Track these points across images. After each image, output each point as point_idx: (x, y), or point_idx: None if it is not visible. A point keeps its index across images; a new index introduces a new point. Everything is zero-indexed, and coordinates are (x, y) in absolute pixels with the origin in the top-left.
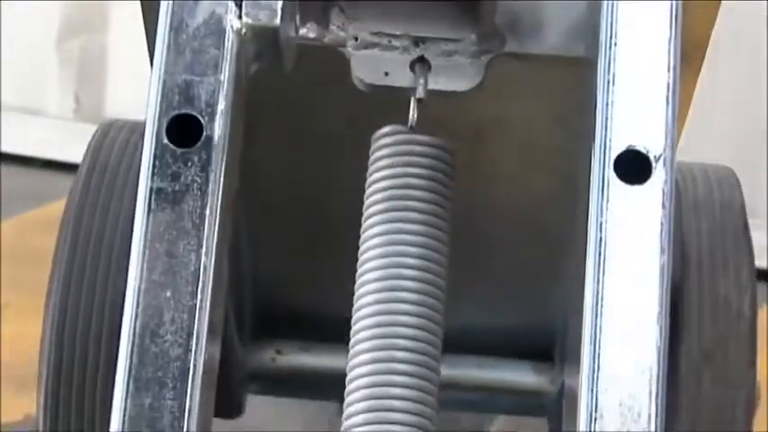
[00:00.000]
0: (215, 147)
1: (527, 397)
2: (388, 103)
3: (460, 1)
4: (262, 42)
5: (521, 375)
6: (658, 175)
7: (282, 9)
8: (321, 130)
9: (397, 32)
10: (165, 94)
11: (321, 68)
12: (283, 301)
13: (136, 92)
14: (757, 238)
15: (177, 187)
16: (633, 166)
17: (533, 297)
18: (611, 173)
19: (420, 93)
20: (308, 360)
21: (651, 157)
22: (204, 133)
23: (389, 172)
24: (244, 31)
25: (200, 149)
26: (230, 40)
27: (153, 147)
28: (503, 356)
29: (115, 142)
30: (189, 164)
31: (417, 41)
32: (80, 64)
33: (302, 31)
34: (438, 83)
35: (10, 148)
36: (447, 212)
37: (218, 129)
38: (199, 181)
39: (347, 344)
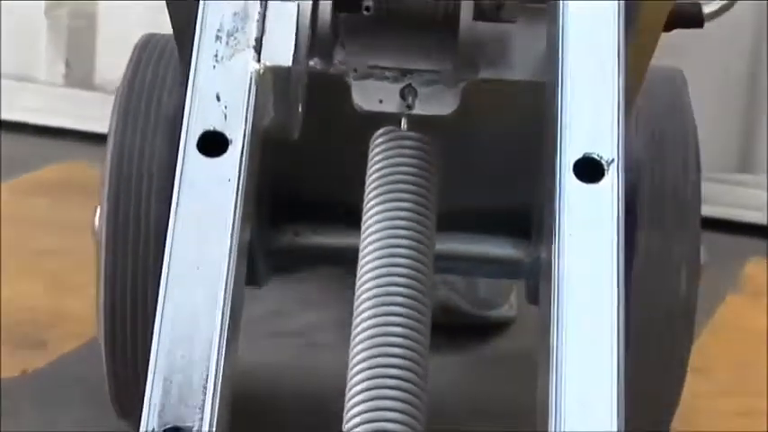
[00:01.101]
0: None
1: (508, 265)
2: None
3: (439, 35)
4: (277, 81)
5: (503, 249)
6: (611, 176)
7: (295, 52)
8: None
9: (389, 65)
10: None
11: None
12: (298, 190)
13: (126, 57)
14: (758, 195)
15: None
16: (589, 169)
17: (513, 184)
18: (570, 174)
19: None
20: (322, 240)
21: (603, 163)
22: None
23: (384, 164)
24: (262, 71)
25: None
26: (251, 82)
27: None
28: (489, 233)
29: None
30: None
31: (405, 72)
32: (70, 30)
33: (310, 63)
34: (423, 108)
35: (1, 114)
36: (433, 195)
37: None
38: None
39: (353, 225)
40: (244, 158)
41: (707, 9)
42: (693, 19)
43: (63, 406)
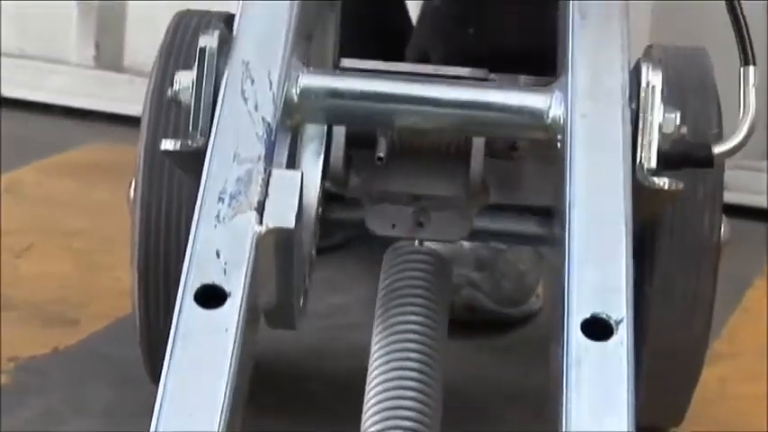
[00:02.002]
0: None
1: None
2: None
3: (451, 164)
4: (279, 243)
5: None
6: (620, 334)
7: (297, 216)
8: None
9: (401, 190)
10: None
11: None
12: None
13: (154, 39)
14: (760, 178)
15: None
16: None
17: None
18: (578, 333)
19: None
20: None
21: (612, 322)
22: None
23: (396, 276)
24: (263, 232)
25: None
26: (252, 242)
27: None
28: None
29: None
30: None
31: (417, 197)
32: (100, 13)
33: (327, 185)
34: (434, 233)
35: (31, 96)
36: (441, 307)
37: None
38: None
39: None
40: (242, 310)
41: (717, 150)
42: (703, 160)
43: (93, 383)
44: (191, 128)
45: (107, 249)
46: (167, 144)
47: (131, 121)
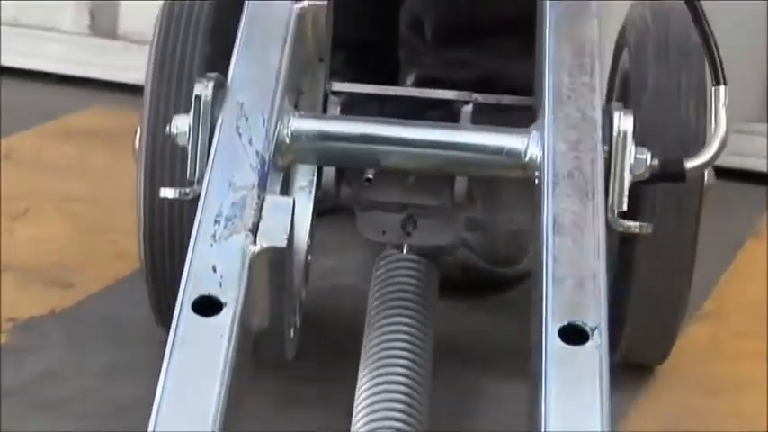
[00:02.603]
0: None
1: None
2: None
3: (436, 180)
4: (272, 262)
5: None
6: (595, 339)
7: (289, 234)
8: None
9: (390, 200)
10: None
11: None
12: None
13: (150, 8)
14: (759, 142)
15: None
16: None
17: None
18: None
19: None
20: None
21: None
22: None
23: (386, 283)
24: (257, 251)
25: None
26: (246, 259)
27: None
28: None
29: None
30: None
31: (406, 206)
32: None
33: (319, 194)
34: (422, 239)
35: (27, 63)
36: (430, 312)
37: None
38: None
39: None
40: (237, 319)
41: (689, 165)
42: (676, 175)
43: (92, 344)
44: (188, 174)
45: (105, 213)
46: (167, 192)
47: (126, 89)
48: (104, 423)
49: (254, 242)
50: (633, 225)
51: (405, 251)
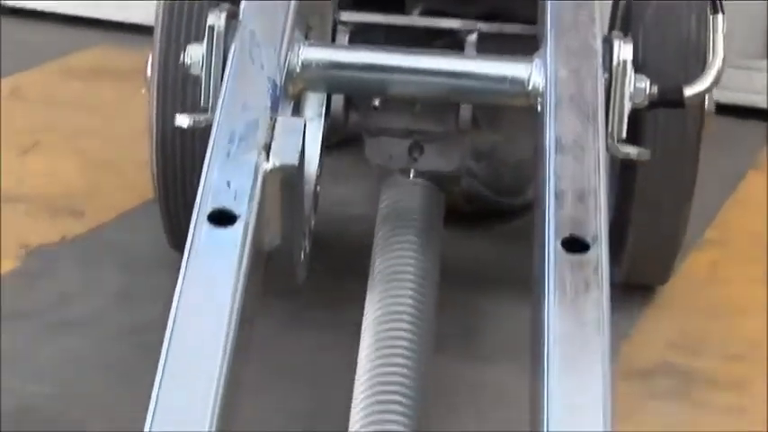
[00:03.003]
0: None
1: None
2: None
3: (441, 107)
4: (284, 180)
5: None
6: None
7: (300, 153)
8: None
9: (397, 126)
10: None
11: None
12: None
13: None
14: (760, 79)
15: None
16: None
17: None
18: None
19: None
20: None
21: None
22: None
23: (393, 208)
24: (270, 169)
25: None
26: (259, 176)
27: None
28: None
29: None
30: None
31: (412, 132)
32: None
33: (329, 123)
34: (428, 164)
35: (33, 4)
36: (436, 237)
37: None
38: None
39: None
40: (250, 230)
41: (688, 92)
42: (675, 102)
43: (103, 268)
44: (201, 101)
45: (113, 147)
46: (181, 120)
47: (131, 28)
48: (123, 343)
49: (267, 160)
50: (632, 151)
51: (411, 176)
